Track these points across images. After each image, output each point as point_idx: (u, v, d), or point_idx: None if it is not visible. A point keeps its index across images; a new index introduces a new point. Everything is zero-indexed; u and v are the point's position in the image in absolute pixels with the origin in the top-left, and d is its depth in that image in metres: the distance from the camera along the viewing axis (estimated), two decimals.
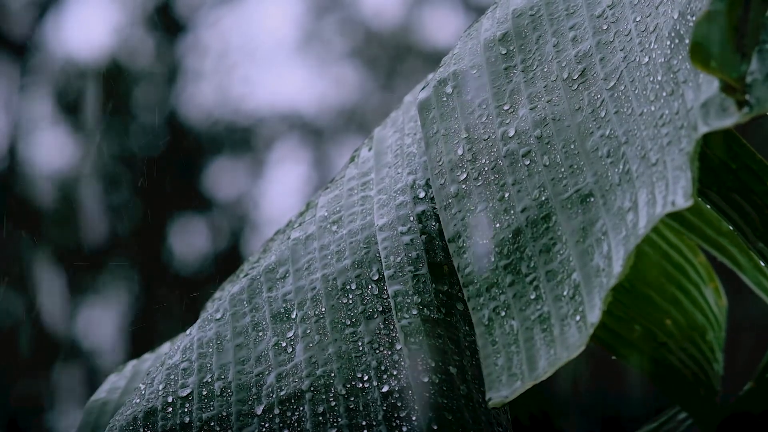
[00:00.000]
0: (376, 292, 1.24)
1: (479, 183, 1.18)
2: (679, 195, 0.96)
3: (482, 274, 1.12)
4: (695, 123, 0.96)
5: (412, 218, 1.27)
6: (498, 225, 1.15)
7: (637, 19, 1.18)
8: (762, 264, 1.53)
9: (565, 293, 1.06)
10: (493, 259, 1.13)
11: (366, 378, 1.20)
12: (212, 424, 1.21)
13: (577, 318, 1.03)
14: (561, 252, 1.08)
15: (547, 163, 1.15)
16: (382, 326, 1.22)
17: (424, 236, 1.25)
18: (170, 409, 1.24)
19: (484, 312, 1.11)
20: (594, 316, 1.01)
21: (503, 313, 1.09)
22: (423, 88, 1.31)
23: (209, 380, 1.24)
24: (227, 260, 6.37)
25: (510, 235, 1.13)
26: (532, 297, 1.08)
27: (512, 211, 1.15)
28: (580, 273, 1.06)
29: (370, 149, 1.43)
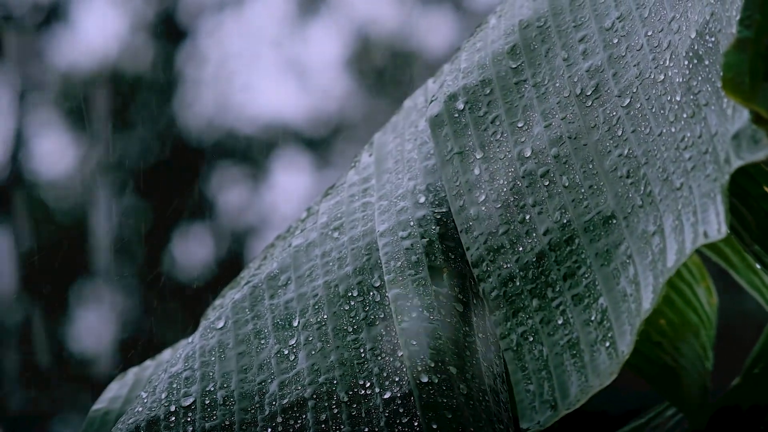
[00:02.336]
0: (378, 299, 1.24)
1: (498, 205, 1.18)
2: (711, 226, 0.96)
3: (508, 298, 1.12)
4: (727, 155, 0.96)
5: (412, 223, 1.27)
6: (521, 248, 1.15)
7: (649, 33, 1.17)
8: (758, 266, 1.54)
9: (592, 318, 1.06)
10: (518, 284, 1.13)
11: (368, 385, 1.20)
12: None
13: (607, 344, 1.03)
14: (586, 276, 1.08)
15: (567, 184, 1.15)
16: (384, 333, 1.22)
17: (424, 240, 1.25)
18: (173, 418, 1.23)
19: (513, 337, 1.11)
20: (625, 344, 1.01)
21: (531, 339, 1.09)
22: (431, 102, 1.30)
23: (212, 389, 1.24)
24: (228, 267, 6.36)
25: (534, 259, 1.13)
26: (560, 322, 1.08)
27: (534, 234, 1.15)
28: (606, 298, 1.06)
29: (370, 155, 1.43)
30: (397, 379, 1.19)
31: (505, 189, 1.19)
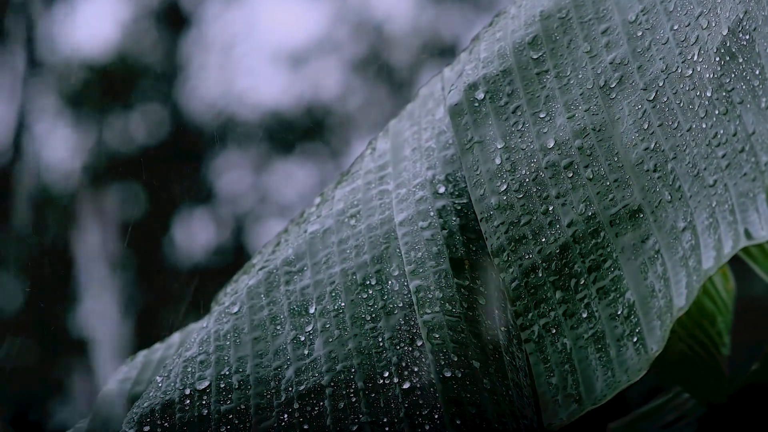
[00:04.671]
0: (396, 288, 1.24)
1: (521, 195, 1.18)
2: (755, 225, 0.96)
3: (529, 289, 1.12)
4: None
5: (432, 213, 1.26)
6: (544, 239, 1.14)
7: (675, 27, 1.17)
8: None
9: (619, 312, 1.06)
10: (540, 275, 1.13)
11: (387, 374, 1.19)
12: (230, 416, 1.21)
13: (634, 339, 1.03)
14: (612, 269, 1.08)
15: (591, 176, 1.14)
16: (403, 322, 1.21)
17: (444, 231, 1.25)
18: (188, 401, 1.23)
19: (534, 328, 1.11)
20: (654, 341, 1.01)
21: (554, 331, 1.09)
22: (451, 91, 1.30)
23: (227, 373, 1.23)
24: (230, 253, 6.35)
25: (557, 250, 1.13)
26: (584, 315, 1.08)
27: (558, 225, 1.14)
28: (634, 292, 1.06)
29: (386, 142, 1.43)
30: (416, 370, 1.18)
31: (527, 179, 1.18)
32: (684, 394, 1.62)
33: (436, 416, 1.15)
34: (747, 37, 1.05)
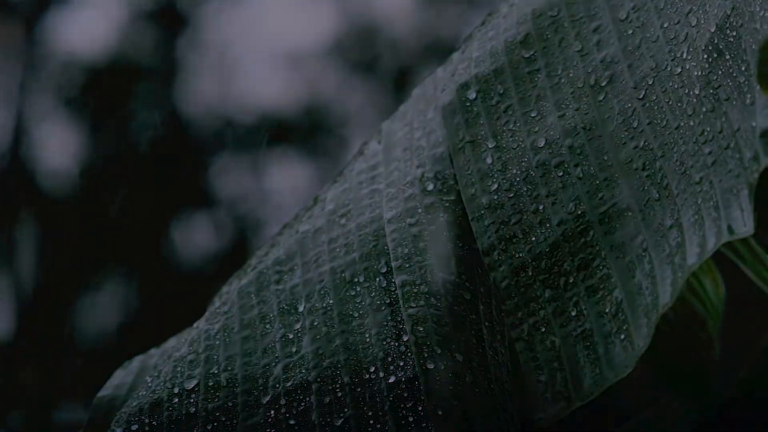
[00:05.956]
0: (384, 285, 1.24)
1: (511, 194, 1.18)
2: (737, 222, 0.96)
3: (519, 288, 1.12)
4: (756, 153, 0.96)
5: (420, 210, 1.27)
6: (534, 238, 1.15)
7: (665, 25, 1.17)
8: (765, 255, 1.55)
9: (607, 310, 1.07)
10: (530, 274, 1.13)
11: (373, 369, 1.20)
12: (218, 414, 1.21)
13: (622, 336, 1.04)
14: (600, 268, 1.09)
15: (581, 175, 1.15)
16: (390, 318, 1.22)
17: (432, 227, 1.25)
18: (176, 400, 1.23)
19: (524, 327, 1.11)
20: (641, 338, 1.01)
21: (543, 329, 1.10)
22: (443, 90, 1.30)
23: (215, 372, 1.24)
24: (229, 257, 6.36)
25: (547, 249, 1.14)
26: (573, 313, 1.09)
27: (548, 224, 1.15)
28: (621, 290, 1.06)
29: (379, 143, 1.43)
30: (401, 364, 1.19)
31: (517, 179, 1.19)
32: (673, 405, 1.62)
33: (420, 408, 1.15)
34: (734, 33, 1.05)
